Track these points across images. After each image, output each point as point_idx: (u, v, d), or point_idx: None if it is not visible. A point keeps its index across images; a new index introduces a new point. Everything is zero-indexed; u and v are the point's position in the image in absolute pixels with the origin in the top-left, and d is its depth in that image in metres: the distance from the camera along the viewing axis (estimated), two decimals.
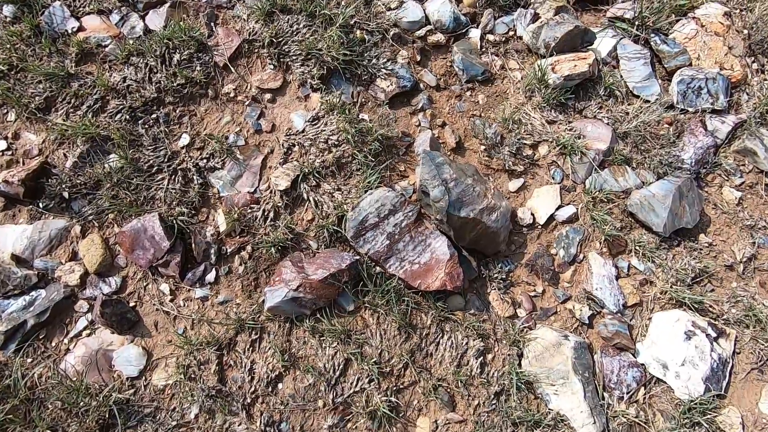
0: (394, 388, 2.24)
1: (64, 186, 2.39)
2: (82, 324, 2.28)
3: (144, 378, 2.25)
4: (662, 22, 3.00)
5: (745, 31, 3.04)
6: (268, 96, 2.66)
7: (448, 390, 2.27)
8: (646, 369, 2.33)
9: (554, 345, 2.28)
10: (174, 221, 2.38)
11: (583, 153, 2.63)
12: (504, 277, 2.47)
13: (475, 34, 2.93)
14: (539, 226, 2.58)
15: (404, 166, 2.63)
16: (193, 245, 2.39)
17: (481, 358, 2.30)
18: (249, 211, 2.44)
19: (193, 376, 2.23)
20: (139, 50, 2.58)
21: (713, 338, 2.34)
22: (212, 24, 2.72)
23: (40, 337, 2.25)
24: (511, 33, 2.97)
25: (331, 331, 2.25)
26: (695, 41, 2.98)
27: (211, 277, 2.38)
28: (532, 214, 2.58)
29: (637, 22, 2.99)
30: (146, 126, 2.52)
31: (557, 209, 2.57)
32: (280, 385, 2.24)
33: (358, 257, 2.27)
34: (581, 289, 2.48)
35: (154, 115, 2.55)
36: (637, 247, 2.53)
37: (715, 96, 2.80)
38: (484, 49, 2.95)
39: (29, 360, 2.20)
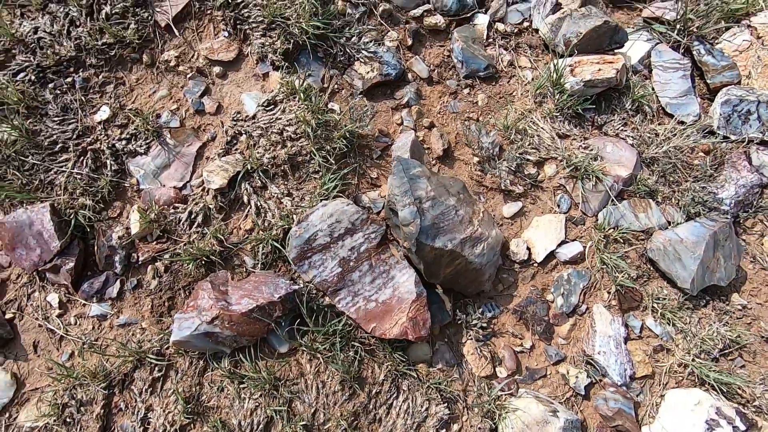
0: None
1: None
2: None
3: (7, 415, 1.74)
4: (709, 28, 2.48)
5: None
6: (217, 69, 2.14)
7: None
8: None
9: (538, 422, 1.77)
10: (73, 216, 1.87)
11: (599, 179, 2.12)
12: (485, 324, 1.97)
13: (482, 20, 2.41)
14: (535, 264, 2.07)
15: (377, 173, 2.11)
16: (95, 248, 1.88)
17: (444, 430, 1.80)
18: (172, 211, 1.93)
19: (69, 419, 1.72)
20: None
21: None
22: None
23: None
24: (525, 23, 2.44)
25: (253, 379, 1.74)
26: (747, 55, 2.45)
27: (113, 290, 1.87)
28: (528, 249, 2.07)
29: (678, 26, 2.47)
30: (56, 92, 2.01)
31: (559, 245, 2.06)
32: None
33: (296, 287, 1.75)
34: (579, 350, 1.98)
35: (68, 79, 2.03)
36: (655, 305, 2.02)
37: (766, 124, 2.28)
38: (491, 40, 2.42)
39: None
